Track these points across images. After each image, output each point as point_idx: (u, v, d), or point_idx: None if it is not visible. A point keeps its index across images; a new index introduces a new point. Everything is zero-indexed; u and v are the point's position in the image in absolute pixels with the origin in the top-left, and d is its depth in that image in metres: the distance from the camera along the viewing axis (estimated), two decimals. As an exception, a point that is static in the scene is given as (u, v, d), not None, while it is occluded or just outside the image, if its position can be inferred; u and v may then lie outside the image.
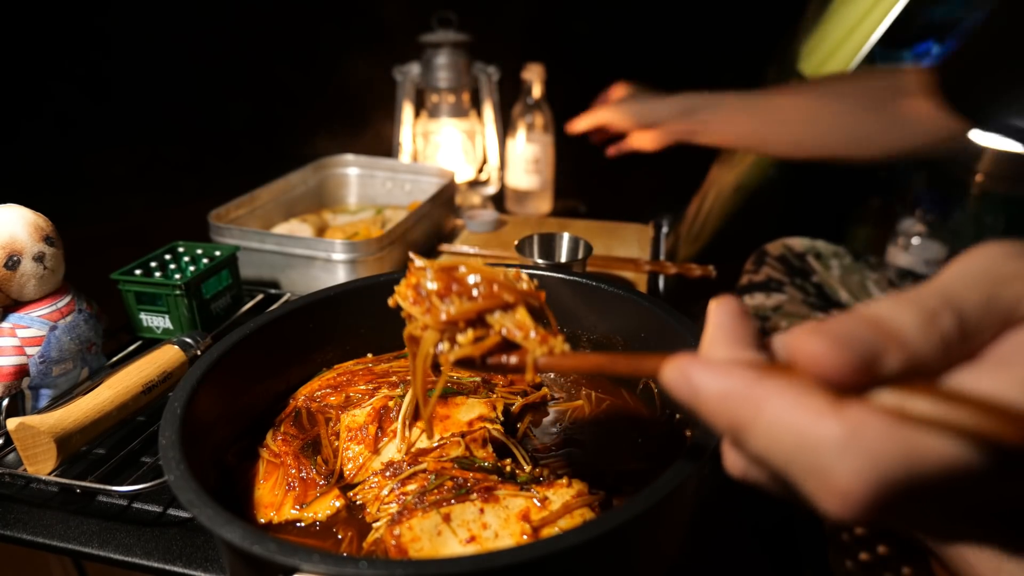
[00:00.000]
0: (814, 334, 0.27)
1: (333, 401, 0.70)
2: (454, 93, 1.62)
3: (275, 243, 1.10)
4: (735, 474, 0.33)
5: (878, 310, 0.28)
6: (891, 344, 0.26)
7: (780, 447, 0.27)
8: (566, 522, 0.52)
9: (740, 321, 0.33)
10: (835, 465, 0.25)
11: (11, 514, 0.67)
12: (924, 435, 0.25)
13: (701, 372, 0.30)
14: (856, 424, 0.25)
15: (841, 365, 0.26)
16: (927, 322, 0.27)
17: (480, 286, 0.49)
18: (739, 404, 0.28)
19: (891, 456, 0.25)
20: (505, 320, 0.48)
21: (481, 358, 0.48)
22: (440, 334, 0.49)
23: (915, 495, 0.25)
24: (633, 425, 0.70)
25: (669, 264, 1.17)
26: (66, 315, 0.78)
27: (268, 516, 0.58)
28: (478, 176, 1.72)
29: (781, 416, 0.27)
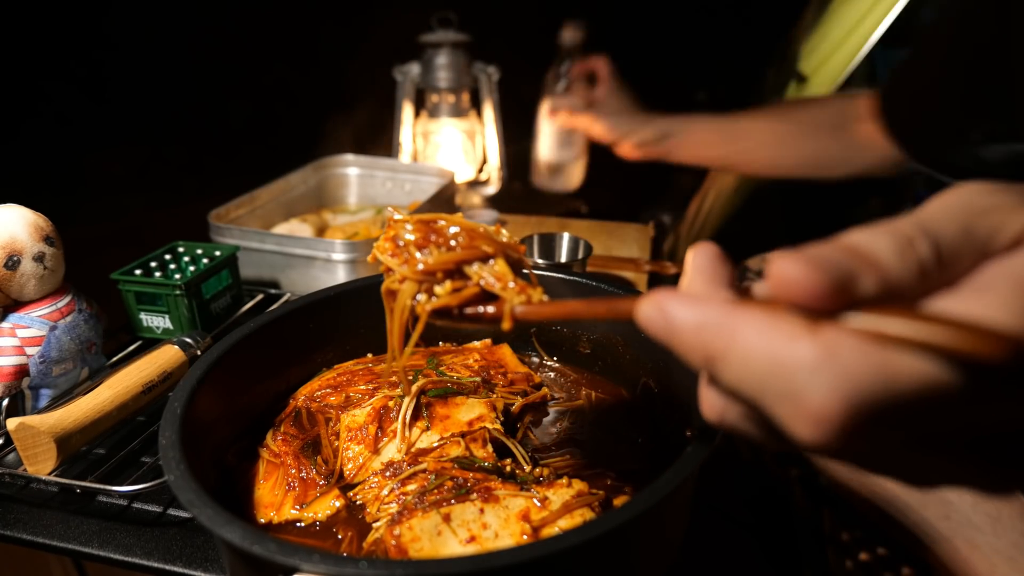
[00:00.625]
0: (791, 257, 0.27)
1: (333, 401, 0.70)
2: (454, 93, 1.62)
3: (275, 243, 1.10)
4: (713, 417, 0.33)
5: (855, 237, 0.28)
6: (866, 267, 0.26)
7: (754, 373, 0.27)
8: (566, 522, 0.52)
9: (718, 263, 0.33)
10: (809, 386, 0.25)
11: (11, 514, 0.67)
12: (899, 354, 0.24)
13: (676, 304, 0.29)
14: (830, 345, 0.25)
15: (815, 286, 0.26)
16: (904, 248, 0.27)
17: (459, 237, 0.48)
18: (713, 334, 0.28)
19: (866, 375, 0.24)
20: (484, 271, 0.47)
21: (459, 308, 0.47)
22: (418, 285, 0.48)
23: (890, 415, 0.25)
24: (633, 425, 0.70)
25: (669, 264, 1.17)
26: (66, 315, 0.78)
27: (268, 516, 0.58)
28: (478, 176, 1.72)
29: (755, 341, 0.27)
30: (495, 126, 1.69)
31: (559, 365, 0.81)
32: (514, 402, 0.70)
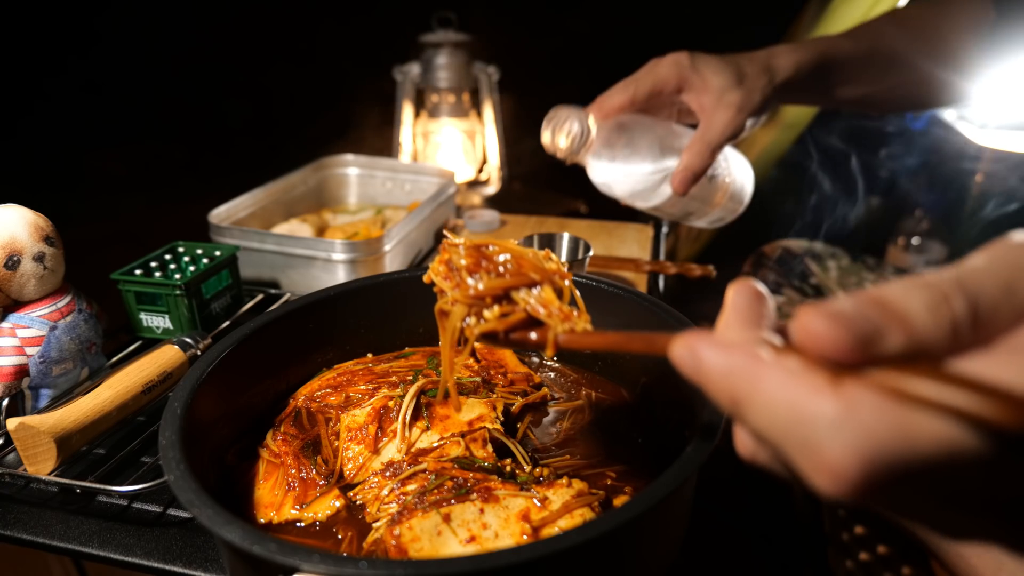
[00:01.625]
0: (818, 313, 0.27)
1: (333, 401, 0.70)
2: (454, 93, 1.62)
3: (275, 243, 1.10)
4: (745, 455, 0.33)
5: (887, 290, 0.27)
6: (895, 324, 0.26)
7: (776, 422, 0.27)
8: (566, 522, 0.52)
9: (755, 303, 0.33)
10: (828, 441, 0.25)
11: (11, 514, 0.67)
12: (921, 415, 0.24)
13: (707, 348, 0.30)
14: (851, 401, 0.25)
15: (841, 342, 0.26)
16: (937, 305, 0.26)
17: (508, 264, 0.50)
18: (739, 380, 0.28)
19: (885, 434, 0.24)
20: (530, 297, 0.49)
21: (505, 333, 0.49)
22: (468, 308, 0.50)
23: (908, 476, 0.25)
24: (633, 425, 0.70)
25: (669, 264, 1.17)
26: (66, 315, 0.78)
27: (268, 516, 0.58)
28: (478, 176, 1.72)
29: (778, 391, 0.27)
30: (495, 126, 1.69)
31: (559, 365, 0.81)
32: (514, 402, 0.70)
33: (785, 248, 1.34)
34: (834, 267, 1.30)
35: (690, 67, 0.84)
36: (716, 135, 0.83)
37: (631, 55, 0.90)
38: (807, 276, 1.25)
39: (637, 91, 0.84)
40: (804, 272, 1.25)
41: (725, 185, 0.96)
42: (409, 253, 1.21)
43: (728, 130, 0.83)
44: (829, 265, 1.30)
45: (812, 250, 1.33)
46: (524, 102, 1.75)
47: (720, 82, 0.83)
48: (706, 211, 0.98)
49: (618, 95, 0.85)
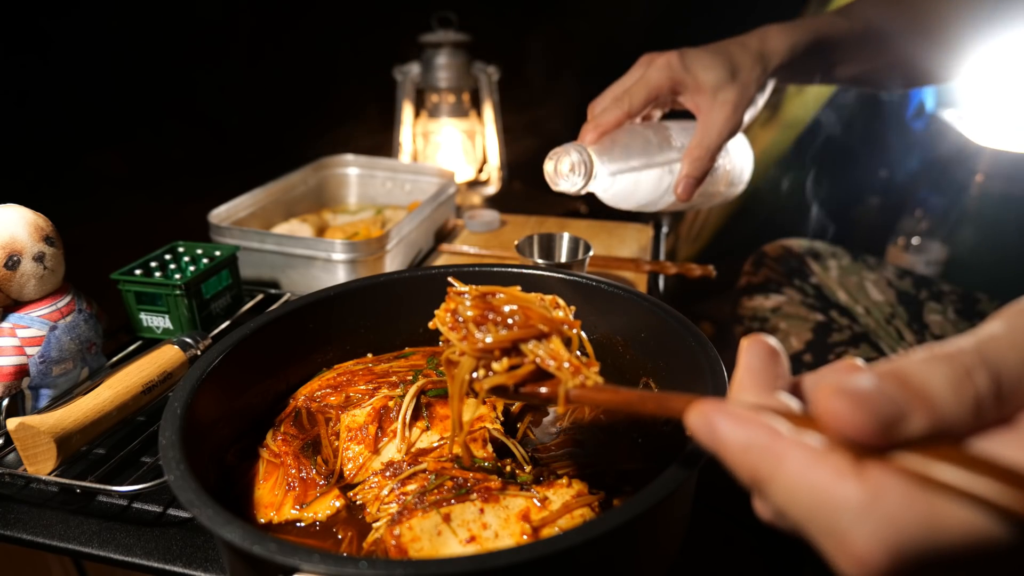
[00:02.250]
0: (839, 394, 0.26)
1: (333, 401, 0.70)
2: (454, 93, 1.62)
3: (275, 243, 1.10)
4: (766, 519, 0.33)
5: (909, 367, 0.27)
6: (917, 405, 0.26)
7: (799, 505, 0.26)
8: (566, 522, 0.52)
9: (769, 363, 0.32)
10: (854, 529, 0.25)
11: (11, 514, 0.67)
12: (947, 503, 0.24)
13: (724, 421, 0.29)
14: (877, 488, 0.25)
15: (864, 427, 0.25)
16: (961, 381, 0.26)
17: (515, 315, 0.49)
18: (760, 457, 0.28)
19: (912, 524, 0.24)
20: (539, 349, 0.48)
21: (514, 387, 0.48)
22: (476, 361, 0.49)
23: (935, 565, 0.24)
24: (633, 425, 0.70)
25: (669, 264, 1.17)
26: (66, 315, 0.78)
27: (268, 516, 0.58)
28: (478, 176, 1.73)
29: (801, 473, 0.26)
30: (495, 126, 1.69)
31: (559, 365, 0.81)
32: (514, 402, 0.70)
33: (785, 247, 1.34)
34: (835, 266, 1.30)
35: (681, 68, 0.82)
36: (714, 138, 0.82)
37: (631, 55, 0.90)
38: (807, 275, 1.24)
39: (632, 104, 0.83)
40: (805, 271, 1.25)
41: (726, 174, 0.96)
42: (409, 253, 1.21)
43: (726, 131, 0.83)
44: (830, 264, 1.30)
45: (813, 249, 1.32)
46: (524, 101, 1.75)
47: (713, 80, 0.81)
48: (710, 201, 1.00)
49: (613, 112, 0.83)
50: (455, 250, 1.32)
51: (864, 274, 1.28)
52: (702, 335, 0.62)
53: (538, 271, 0.78)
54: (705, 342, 0.61)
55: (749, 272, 1.35)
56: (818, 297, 1.21)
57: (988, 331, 0.28)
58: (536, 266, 0.96)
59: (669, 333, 0.66)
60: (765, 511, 0.32)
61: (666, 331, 0.66)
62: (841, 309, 1.18)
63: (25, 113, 1.51)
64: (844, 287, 1.23)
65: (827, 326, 1.15)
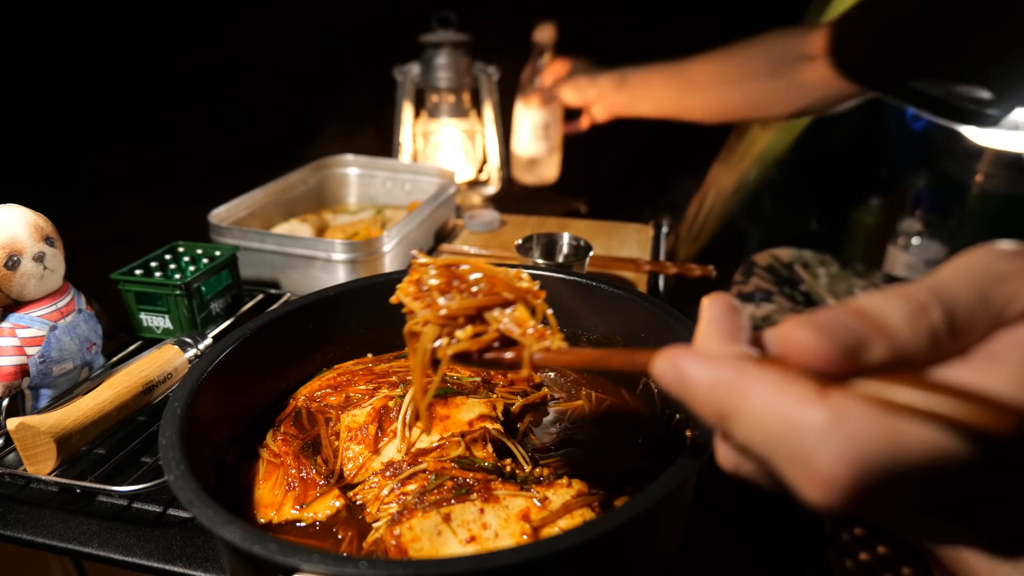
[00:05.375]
0: (801, 324, 0.27)
1: (333, 401, 0.70)
2: (454, 93, 1.62)
3: (275, 243, 1.10)
4: (728, 468, 0.33)
5: (868, 302, 0.28)
6: (877, 334, 0.27)
7: (764, 434, 0.27)
8: (566, 522, 0.52)
9: (731, 316, 0.34)
10: (818, 450, 0.25)
11: (11, 514, 0.67)
12: (908, 422, 0.25)
13: (690, 362, 0.30)
14: (839, 410, 0.25)
15: (826, 353, 0.26)
16: (915, 315, 0.27)
17: (480, 283, 0.49)
18: (725, 393, 0.29)
19: (875, 442, 0.25)
20: (503, 317, 0.48)
21: (478, 353, 0.48)
22: (439, 329, 0.49)
23: (898, 483, 0.25)
24: (633, 425, 0.70)
25: (669, 264, 1.17)
26: (66, 315, 0.78)
27: (268, 516, 0.58)
28: (478, 176, 1.72)
29: (765, 402, 0.27)
30: (495, 126, 1.69)
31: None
32: (514, 402, 0.70)
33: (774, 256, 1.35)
34: (824, 274, 1.31)
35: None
36: None
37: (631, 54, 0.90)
38: (797, 284, 1.25)
39: None
40: (794, 280, 1.25)
41: None
42: (409, 253, 1.21)
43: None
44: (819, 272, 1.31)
45: (801, 258, 1.34)
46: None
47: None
48: None
49: None
50: (455, 250, 1.32)
51: (853, 281, 1.28)
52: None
53: (538, 271, 0.78)
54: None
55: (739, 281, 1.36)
56: (808, 305, 1.21)
57: (941, 273, 0.29)
58: (536, 266, 0.96)
59: (669, 333, 0.66)
60: (729, 456, 0.33)
61: (666, 331, 0.66)
62: None
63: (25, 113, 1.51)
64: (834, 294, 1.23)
65: None
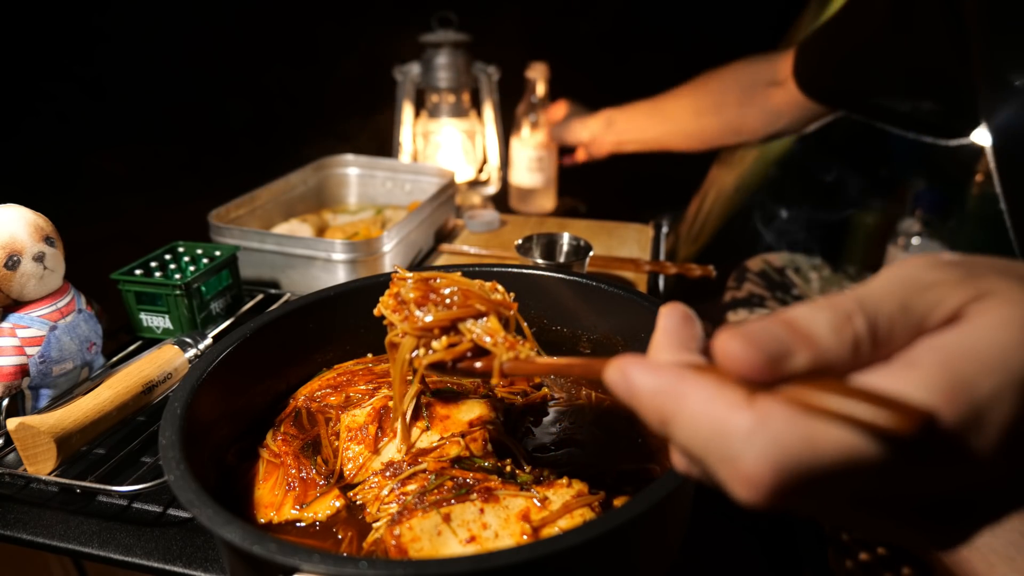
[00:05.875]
0: (732, 335, 0.29)
1: (333, 401, 0.70)
2: (454, 93, 1.62)
3: (275, 243, 1.10)
4: (681, 471, 0.35)
5: (797, 312, 0.30)
6: (801, 343, 0.29)
7: (699, 437, 0.29)
8: (566, 522, 0.52)
9: (684, 325, 0.36)
10: (743, 452, 0.27)
11: (11, 514, 0.67)
12: (825, 424, 0.27)
13: (636, 370, 0.32)
14: (763, 414, 0.27)
15: (752, 362, 0.28)
16: (840, 325, 0.29)
17: (455, 296, 0.52)
18: (666, 399, 0.30)
19: (793, 443, 0.26)
20: (476, 327, 0.51)
21: (452, 362, 0.51)
22: (417, 340, 0.52)
23: (817, 481, 0.27)
24: (633, 425, 0.70)
25: (669, 264, 1.17)
26: (66, 315, 0.78)
27: (268, 516, 0.58)
28: (478, 176, 1.72)
29: (700, 408, 0.29)
30: (495, 126, 1.69)
31: (559, 365, 0.81)
32: (514, 402, 0.70)
33: (767, 261, 1.35)
34: (816, 278, 1.31)
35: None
36: None
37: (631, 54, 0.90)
38: (790, 288, 1.25)
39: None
40: (787, 284, 1.26)
41: None
42: (409, 253, 1.21)
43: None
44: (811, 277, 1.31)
45: (794, 262, 1.34)
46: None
47: None
48: None
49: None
50: (455, 250, 1.32)
51: (845, 284, 1.28)
52: (702, 335, 0.62)
53: (538, 271, 0.78)
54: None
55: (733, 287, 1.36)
56: None
57: (871, 284, 0.31)
58: (536, 266, 0.96)
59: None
60: (679, 460, 0.35)
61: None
62: None
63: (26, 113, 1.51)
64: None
65: None
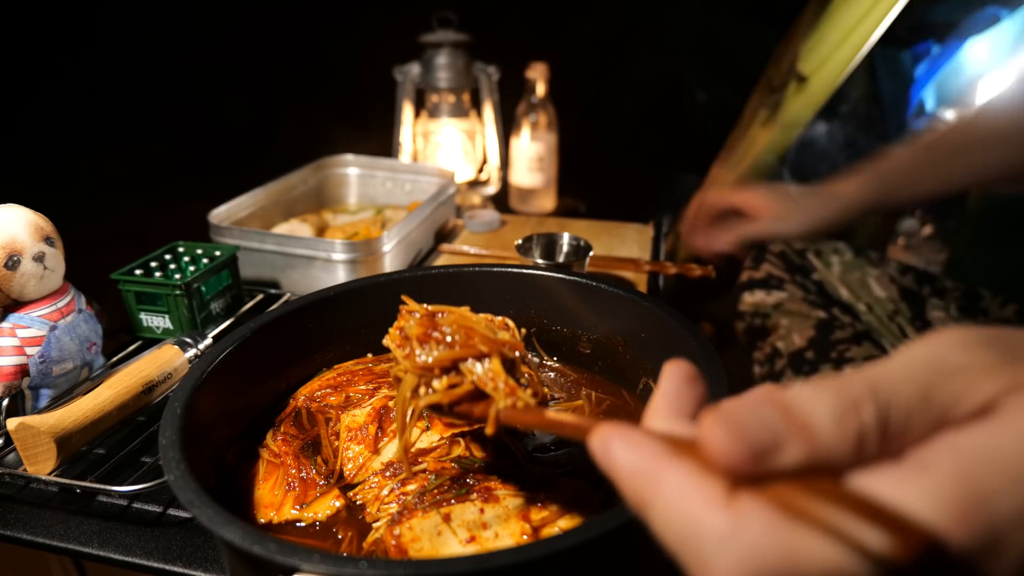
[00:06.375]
0: (717, 420, 0.26)
1: (333, 401, 0.70)
2: (454, 93, 1.62)
3: (275, 243, 1.10)
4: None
5: (797, 394, 0.27)
6: (796, 435, 0.25)
7: (672, 532, 0.27)
8: (566, 522, 0.52)
9: (685, 388, 0.33)
10: (715, 557, 0.25)
11: (11, 514, 0.67)
12: (809, 537, 0.23)
13: (618, 445, 0.29)
14: (741, 518, 0.24)
15: (735, 456, 0.25)
16: (844, 415, 0.25)
17: (457, 334, 0.50)
18: (643, 483, 0.28)
19: (770, 556, 0.24)
20: (476, 370, 0.49)
21: (449, 405, 0.49)
22: (418, 379, 0.50)
23: None
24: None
25: (669, 264, 1.17)
26: (66, 315, 0.78)
27: (268, 516, 0.58)
28: (478, 176, 1.73)
29: (675, 501, 0.26)
30: (495, 126, 1.69)
31: (559, 365, 0.81)
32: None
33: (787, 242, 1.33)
34: (837, 262, 1.29)
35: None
36: None
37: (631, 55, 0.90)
38: (809, 272, 1.24)
39: None
40: (806, 267, 1.24)
41: None
42: (409, 253, 1.21)
43: None
44: (832, 260, 1.29)
45: (814, 244, 1.32)
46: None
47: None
48: None
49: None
50: (455, 250, 1.32)
51: (867, 270, 1.27)
52: (702, 335, 0.62)
53: (538, 271, 0.78)
54: (705, 342, 0.61)
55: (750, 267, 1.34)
56: (820, 294, 1.20)
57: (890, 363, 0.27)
58: (536, 266, 0.96)
59: (669, 333, 0.66)
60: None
61: (666, 331, 0.66)
62: (843, 306, 1.17)
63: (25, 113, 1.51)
64: (846, 284, 1.22)
65: (830, 323, 1.14)
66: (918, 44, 1.82)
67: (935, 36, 1.78)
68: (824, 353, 1.10)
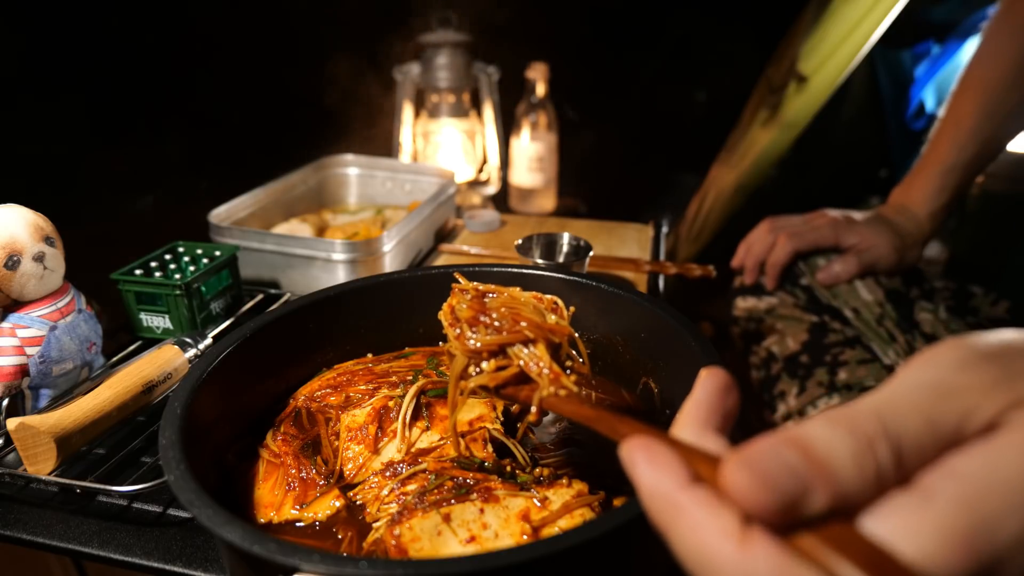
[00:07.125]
0: (740, 465, 0.26)
1: (333, 401, 0.70)
2: (454, 93, 1.62)
3: (275, 243, 1.10)
4: None
5: (814, 434, 0.27)
6: (821, 481, 0.26)
7: (688, 558, 0.28)
8: (566, 522, 0.52)
9: (719, 398, 0.33)
10: None
11: (11, 514, 0.67)
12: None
13: (642, 461, 0.30)
14: (751, 554, 0.25)
15: (764, 507, 0.25)
16: (862, 454, 0.26)
17: (506, 318, 0.52)
18: (664, 505, 0.29)
19: None
20: (523, 354, 0.50)
21: (496, 387, 0.51)
22: (467, 359, 0.52)
23: None
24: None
25: (669, 264, 1.17)
26: (66, 315, 0.78)
27: (268, 516, 0.58)
28: (478, 176, 1.73)
29: (693, 529, 0.27)
30: (495, 126, 1.69)
31: (559, 365, 0.81)
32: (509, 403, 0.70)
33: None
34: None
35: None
36: None
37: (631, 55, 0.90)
38: (798, 277, 1.24)
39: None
40: (794, 273, 1.24)
41: None
42: (409, 253, 1.21)
43: None
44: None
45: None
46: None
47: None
48: None
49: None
50: (455, 250, 1.32)
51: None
52: (702, 335, 0.62)
53: (538, 271, 0.78)
54: (705, 342, 0.61)
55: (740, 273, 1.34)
56: (810, 300, 1.21)
57: (890, 391, 0.28)
58: (536, 266, 0.96)
59: (669, 333, 0.66)
60: None
61: (666, 331, 0.66)
62: (833, 312, 1.17)
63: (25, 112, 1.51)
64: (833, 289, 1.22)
65: (823, 327, 1.14)
66: (918, 44, 1.82)
67: (935, 36, 1.78)
68: (818, 357, 1.10)
